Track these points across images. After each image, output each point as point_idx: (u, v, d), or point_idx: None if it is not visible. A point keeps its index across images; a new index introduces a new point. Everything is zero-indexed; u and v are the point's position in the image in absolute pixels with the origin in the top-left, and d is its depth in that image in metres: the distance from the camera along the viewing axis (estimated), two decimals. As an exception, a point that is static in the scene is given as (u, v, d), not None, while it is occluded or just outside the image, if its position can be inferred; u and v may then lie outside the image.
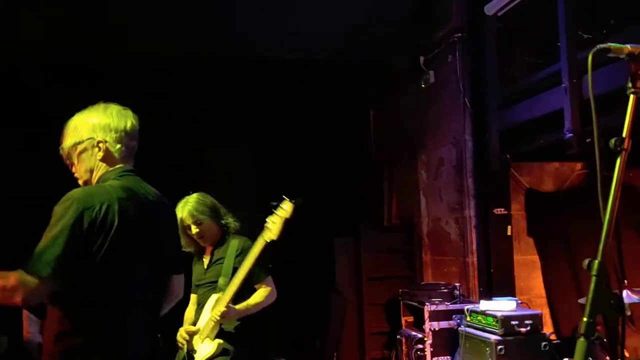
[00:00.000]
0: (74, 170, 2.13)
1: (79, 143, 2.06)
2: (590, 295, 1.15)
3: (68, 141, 2.08)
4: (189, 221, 3.25)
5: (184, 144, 5.82)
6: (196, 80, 5.80)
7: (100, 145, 2.05)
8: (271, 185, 5.84)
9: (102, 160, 2.06)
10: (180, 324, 3.39)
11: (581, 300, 4.00)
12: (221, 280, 3.20)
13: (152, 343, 2.10)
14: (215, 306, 3.15)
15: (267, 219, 3.04)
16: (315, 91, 5.95)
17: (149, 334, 2.09)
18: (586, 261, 1.20)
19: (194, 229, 3.25)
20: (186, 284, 3.45)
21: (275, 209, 3.02)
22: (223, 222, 3.33)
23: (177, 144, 5.74)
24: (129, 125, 2.11)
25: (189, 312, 3.45)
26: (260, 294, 3.21)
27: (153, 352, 2.09)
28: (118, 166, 2.08)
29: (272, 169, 6.07)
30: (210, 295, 3.23)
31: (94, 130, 2.06)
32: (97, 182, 2.07)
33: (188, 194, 3.38)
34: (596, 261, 1.18)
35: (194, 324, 3.31)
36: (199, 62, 5.72)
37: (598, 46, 1.25)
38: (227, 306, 3.05)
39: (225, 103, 5.92)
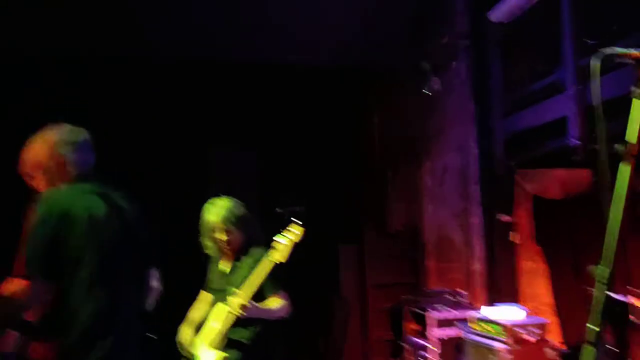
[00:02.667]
0: (34, 184, 2.33)
1: (40, 161, 2.29)
2: (596, 303, 1.14)
3: (29, 161, 2.31)
4: (219, 227, 3.24)
5: (186, 147, 5.82)
6: (200, 84, 5.81)
7: (59, 159, 2.28)
8: (274, 190, 5.86)
9: (62, 171, 2.28)
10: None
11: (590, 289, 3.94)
12: (233, 291, 3.18)
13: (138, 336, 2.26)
14: (221, 317, 3.12)
15: (274, 239, 3.04)
16: (319, 96, 5.95)
17: (135, 327, 2.25)
18: (592, 267, 1.18)
19: (223, 236, 3.25)
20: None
21: (283, 232, 3.04)
22: (250, 233, 3.32)
23: (180, 147, 5.74)
24: (81, 139, 2.36)
25: (195, 310, 3.43)
26: (276, 302, 3.17)
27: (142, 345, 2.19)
28: (77, 174, 2.30)
29: (275, 174, 6.07)
30: (223, 302, 3.22)
31: (51, 148, 2.30)
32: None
33: (217, 196, 3.37)
34: (602, 268, 1.16)
35: (201, 323, 3.29)
36: (204, 66, 5.74)
37: (605, 51, 1.24)
38: (248, 302, 2.98)
39: (229, 107, 5.93)
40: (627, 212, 2.20)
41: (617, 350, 1.16)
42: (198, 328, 3.33)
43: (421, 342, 4.62)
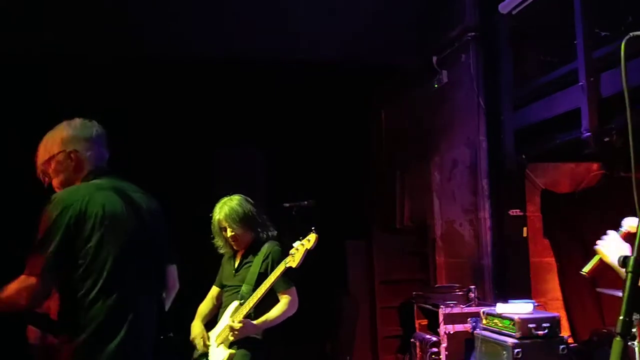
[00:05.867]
0: (51, 181, 2.29)
1: (52, 157, 2.25)
2: (625, 294, 1.10)
3: (42, 158, 2.28)
4: (224, 224, 3.30)
5: (194, 145, 5.80)
6: (206, 82, 5.78)
7: (72, 155, 2.24)
8: (282, 187, 5.84)
9: (76, 167, 2.25)
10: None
11: (601, 290, 3.88)
12: (244, 288, 3.21)
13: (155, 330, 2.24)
14: (234, 314, 3.14)
15: (293, 245, 3.11)
16: (327, 93, 5.91)
17: (153, 322, 2.23)
18: (621, 257, 1.15)
19: (229, 232, 3.30)
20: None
21: (300, 239, 3.10)
22: (258, 230, 3.34)
23: (188, 145, 5.73)
24: (94, 133, 2.31)
25: (204, 305, 3.47)
26: (280, 307, 3.19)
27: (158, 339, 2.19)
28: (92, 169, 2.26)
29: (284, 171, 6.04)
30: (233, 299, 3.24)
31: (64, 144, 2.25)
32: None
33: (228, 194, 3.40)
34: (632, 257, 1.13)
35: (213, 323, 3.31)
36: (209, 64, 5.71)
37: (631, 34, 1.21)
38: (242, 321, 3.05)
39: (236, 105, 5.90)
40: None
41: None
42: (208, 323, 3.36)
43: (431, 338, 4.59)
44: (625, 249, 1.80)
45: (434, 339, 4.52)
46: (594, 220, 4.44)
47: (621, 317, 1.09)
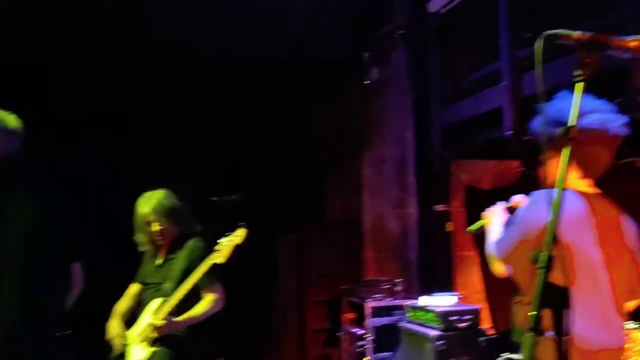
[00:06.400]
0: None
1: None
2: (537, 289, 1.13)
3: None
4: (151, 218, 3.17)
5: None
6: (150, 79, 5.58)
7: None
8: (211, 181, 5.73)
9: None
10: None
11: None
12: (167, 285, 3.11)
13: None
14: (156, 312, 3.03)
15: (219, 241, 3.04)
16: (256, 87, 5.83)
17: (52, 324, 2.23)
18: (533, 253, 1.17)
19: (155, 227, 3.18)
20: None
21: (227, 234, 3.06)
22: (183, 225, 3.26)
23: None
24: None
25: (122, 304, 3.34)
26: (205, 303, 3.13)
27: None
28: None
29: (212, 165, 5.93)
30: (155, 297, 3.13)
31: None
32: None
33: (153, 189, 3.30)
34: (543, 253, 1.15)
35: (131, 322, 3.19)
36: (156, 60, 5.52)
37: (547, 32, 1.23)
38: (165, 319, 2.95)
39: (173, 100, 5.72)
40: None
41: (557, 336, 1.15)
42: (128, 321, 3.24)
43: (358, 331, 4.63)
44: (503, 219, 2.35)
45: (361, 332, 4.56)
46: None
47: (532, 313, 1.11)
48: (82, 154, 5.68)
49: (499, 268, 2.27)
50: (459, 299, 4.08)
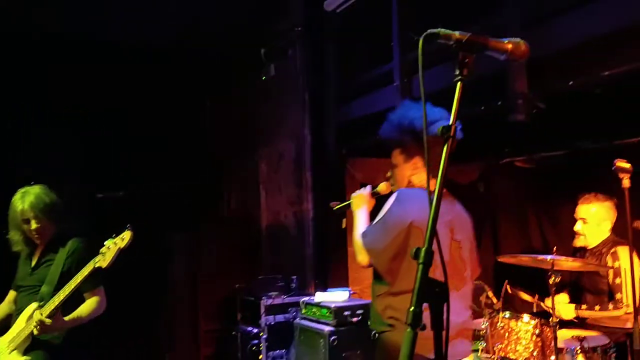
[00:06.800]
0: None
1: None
2: (416, 284, 1.14)
3: None
4: (29, 215, 2.95)
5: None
6: (20, 59, 5.14)
7: None
8: (101, 176, 5.41)
9: None
10: None
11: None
12: (44, 288, 2.91)
13: None
14: (32, 316, 2.80)
15: (104, 243, 2.86)
16: (152, 79, 5.60)
17: None
18: (413, 249, 1.19)
19: (34, 224, 2.97)
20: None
21: (113, 237, 2.88)
22: (62, 223, 3.07)
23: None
24: None
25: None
26: (87, 306, 2.97)
27: None
28: None
29: (103, 159, 5.60)
30: (31, 300, 2.91)
31: None
32: None
33: (29, 184, 3.07)
34: (423, 249, 1.17)
35: (6, 327, 2.94)
36: (21, 38, 5.09)
37: (429, 30, 1.26)
38: (48, 317, 2.75)
39: (50, 83, 5.32)
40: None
41: (436, 331, 1.18)
42: (6, 328, 3.00)
43: (252, 329, 4.58)
44: (367, 203, 2.65)
45: (255, 330, 4.51)
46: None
47: (411, 308, 1.12)
48: None
49: (363, 258, 2.42)
50: (351, 294, 4.15)
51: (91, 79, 5.45)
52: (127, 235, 2.87)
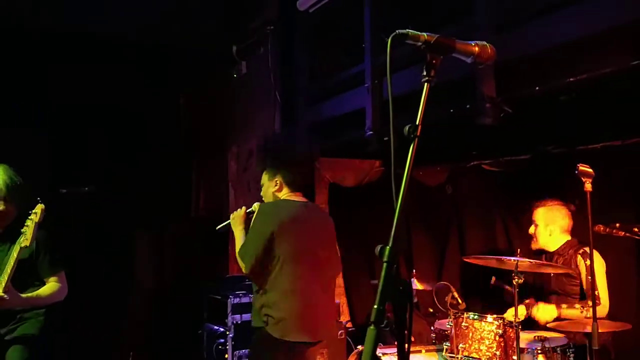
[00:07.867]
0: None
1: None
2: (381, 283, 1.15)
3: None
4: (2, 194, 2.92)
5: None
6: None
7: None
8: (69, 173, 5.29)
9: None
10: None
11: (374, 282, 4.30)
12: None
13: None
14: None
15: (25, 223, 2.86)
16: (122, 74, 5.50)
17: None
18: (378, 248, 1.20)
19: (1, 206, 2.92)
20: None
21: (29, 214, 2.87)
22: (23, 206, 2.99)
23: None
24: None
25: None
26: (49, 288, 2.99)
27: None
28: None
29: (70, 156, 5.47)
30: None
31: None
32: None
33: None
34: (387, 248, 1.18)
35: None
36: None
37: (397, 31, 1.27)
38: (6, 291, 2.73)
39: (19, 80, 5.17)
40: (411, 201, 2.38)
41: (399, 329, 1.18)
42: None
43: (219, 328, 4.55)
44: (243, 222, 3.12)
45: (222, 329, 4.48)
46: (375, 212, 4.79)
47: (375, 306, 1.13)
48: None
49: (241, 267, 2.93)
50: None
51: (62, 74, 5.33)
52: (38, 209, 2.86)
